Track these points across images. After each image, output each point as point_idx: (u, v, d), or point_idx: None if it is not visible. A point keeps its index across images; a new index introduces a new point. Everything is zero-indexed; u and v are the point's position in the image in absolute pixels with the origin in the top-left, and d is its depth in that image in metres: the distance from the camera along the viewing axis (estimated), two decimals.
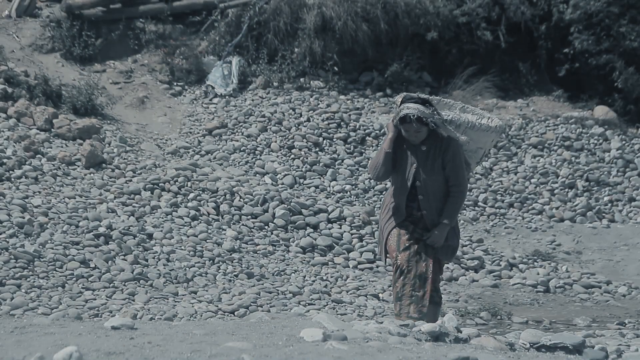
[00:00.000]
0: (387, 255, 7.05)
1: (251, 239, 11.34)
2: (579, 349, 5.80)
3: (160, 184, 11.95)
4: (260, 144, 13.90)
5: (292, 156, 13.71)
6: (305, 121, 14.40)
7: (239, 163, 13.49)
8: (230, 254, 10.85)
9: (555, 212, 13.72)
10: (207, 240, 11.01)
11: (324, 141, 14.13)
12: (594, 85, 16.20)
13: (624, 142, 15.11)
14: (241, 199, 11.88)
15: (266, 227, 11.62)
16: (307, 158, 13.68)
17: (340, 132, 14.28)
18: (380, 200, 13.36)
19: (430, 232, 6.92)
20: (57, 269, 9.92)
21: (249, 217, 11.68)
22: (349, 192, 13.31)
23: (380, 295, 10.45)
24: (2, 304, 9.17)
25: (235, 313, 9.45)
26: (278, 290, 10.22)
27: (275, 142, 13.93)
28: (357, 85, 15.69)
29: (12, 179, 11.71)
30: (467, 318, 9.65)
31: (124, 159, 12.90)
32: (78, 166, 12.43)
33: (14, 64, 14.48)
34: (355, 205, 12.79)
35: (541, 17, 16.34)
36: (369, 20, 15.58)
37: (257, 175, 13.14)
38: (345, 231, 11.67)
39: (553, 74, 16.41)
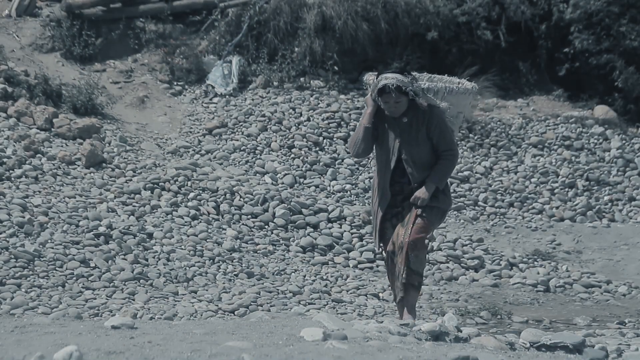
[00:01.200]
0: (381, 245, 6.86)
1: (251, 238, 11.34)
2: (579, 349, 5.81)
3: (160, 184, 11.95)
4: (260, 144, 13.90)
5: (292, 156, 13.71)
6: (305, 121, 14.40)
7: (239, 162, 13.49)
8: (231, 254, 10.86)
9: (556, 211, 13.72)
10: (207, 240, 11.01)
11: (324, 140, 14.13)
12: (594, 85, 16.19)
13: (624, 141, 15.11)
14: (241, 199, 11.88)
15: (266, 226, 11.62)
16: (307, 157, 13.68)
17: (340, 132, 14.28)
18: None
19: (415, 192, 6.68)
20: (57, 268, 9.92)
21: (249, 216, 11.69)
22: (349, 192, 13.31)
23: (380, 294, 10.45)
24: (2, 303, 9.17)
25: (236, 312, 9.45)
26: (278, 289, 10.23)
27: (276, 141, 13.93)
28: (357, 84, 15.68)
29: (12, 179, 11.71)
30: (467, 317, 9.65)
31: (124, 158, 12.90)
32: (78, 166, 12.43)
33: (14, 63, 14.48)
34: (355, 204, 12.79)
35: (541, 16, 16.34)
36: (369, 19, 15.58)
37: (257, 174, 13.13)
38: (345, 230, 11.68)
39: (553, 74, 16.41)
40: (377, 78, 6.73)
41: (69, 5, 15.51)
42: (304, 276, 10.71)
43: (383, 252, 6.86)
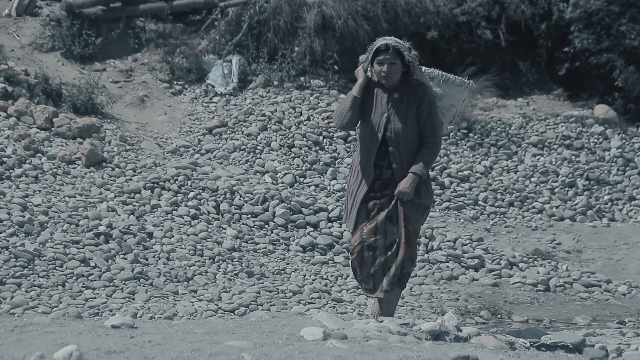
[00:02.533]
0: (354, 228, 6.62)
1: (251, 237, 11.34)
2: (579, 348, 5.81)
3: (160, 183, 11.95)
4: (260, 143, 13.90)
5: (292, 155, 13.71)
6: (305, 120, 14.40)
7: (239, 162, 13.49)
8: (231, 253, 10.86)
9: (556, 211, 13.71)
10: (207, 239, 11.01)
11: (324, 140, 14.13)
12: (594, 84, 16.20)
13: (624, 140, 15.12)
14: (241, 198, 11.88)
15: (266, 225, 11.63)
16: (307, 157, 13.68)
17: (340, 131, 14.28)
18: None
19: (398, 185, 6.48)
20: (57, 267, 9.92)
21: (249, 216, 11.69)
22: None
23: None
24: (2, 302, 9.17)
25: (236, 312, 9.45)
26: (278, 289, 10.23)
27: (276, 140, 13.93)
28: None
29: (12, 178, 11.71)
30: (467, 317, 9.65)
31: (124, 157, 12.90)
32: (78, 165, 12.43)
33: (14, 62, 14.48)
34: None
35: (541, 16, 16.34)
36: (369, 19, 15.58)
37: (257, 174, 13.13)
38: (345, 230, 11.67)
39: (553, 73, 16.42)
40: (370, 49, 6.62)
41: (69, 5, 15.51)
42: (304, 275, 10.71)
43: (359, 235, 6.58)
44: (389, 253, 6.52)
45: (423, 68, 6.68)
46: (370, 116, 6.56)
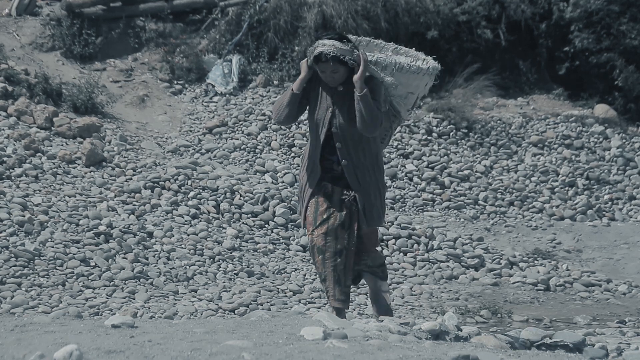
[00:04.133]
0: (305, 223, 6.29)
1: (251, 237, 11.34)
2: (579, 348, 5.81)
3: (160, 183, 11.95)
4: (260, 143, 13.90)
5: (293, 154, 13.70)
6: (305, 119, 14.38)
7: (239, 161, 13.49)
8: (231, 253, 10.86)
9: (556, 210, 13.71)
10: (208, 239, 11.01)
11: None
12: (594, 84, 16.19)
13: (624, 140, 15.12)
14: (241, 198, 11.88)
15: (266, 225, 11.63)
16: None
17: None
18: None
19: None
20: (57, 267, 9.93)
21: (249, 215, 11.69)
22: None
23: None
24: (2, 302, 9.17)
25: (236, 311, 9.45)
26: (278, 288, 10.23)
27: (276, 140, 13.93)
28: None
29: (13, 178, 11.71)
30: (467, 316, 9.65)
31: (124, 157, 12.90)
32: (78, 164, 12.43)
33: (14, 62, 14.48)
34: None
35: (541, 15, 16.34)
36: (369, 18, 15.57)
37: (258, 173, 13.13)
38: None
39: (553, 73, 16.41)
40: (314, 43, 6.16)
41: (69, 4, 15.51)
42: (304, 275, 10.71)
43: (309, 235, 6.27)
44: (339, 260, 6.17)
45: (375, 56, 6.16)
46: (316, 110, 6.24)
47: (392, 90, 6.23)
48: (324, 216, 6.19)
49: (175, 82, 15.53)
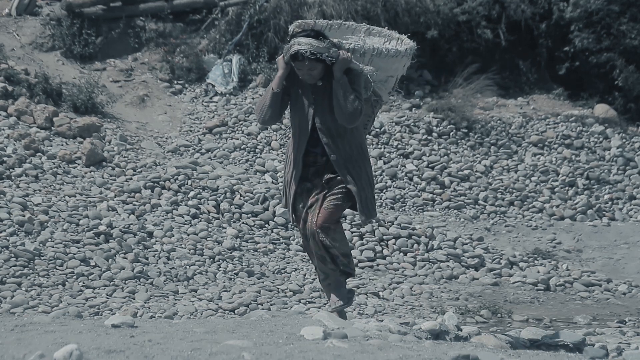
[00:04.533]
0: (294, 219, 6.26)
1: (251, 237, 11.34)
2: (579, 347, 5.81)
3: (160, 182, 11.95)
4: (260, 142, 13.90)
5: None
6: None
7: (239, 161, 13.49)
8: (231, 252, 10.86)
9: (556, 210, 13.71)
10: (208, 239, 11.01)
11: None
12: (594, 84, 16.19)
13: (624, 140, 15.11)
14: (241, 197, 11.88)
15: (266, 225, 11.62)
16: None
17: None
18: (381, 198, 13.36)
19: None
20: (57, 267, 9.93)
21: (250, 215, 11.69)
22: None
23: (380, 293, 10.45)
24: (2, 302, 9.17)
25: (236, 311, 9.45)
26: (278, 288, 10.23)
27: (276, 140, 13.93)
28: None
29: (13, 177, 11.71)
30: (467, 316, 9.65)
31: (125, 157, 12.90)
32: (78, 164, 12.43)
33: (14, 62, 14.48)
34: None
35: (541, 15, 16.34)
36: (369, 18, 15.56)
37: (258, 173, 13.14)
38: (345, 229, 11.67)
39: (553, 72, 16.41)
40: (290, 38, 6.06)
41: (69, 4, 15.51)
42: (304, 275, 10.71)
43: (297, 228, 6.20)
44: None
45: (352, 43, 6.05)
46: (298, 106, 6.17)
47: (372, 76, 6.13)
48: (307, 206, 6.14)
49: (175, 82, 15.52)
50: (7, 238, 10.14)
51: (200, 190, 11.89)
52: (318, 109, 6.09)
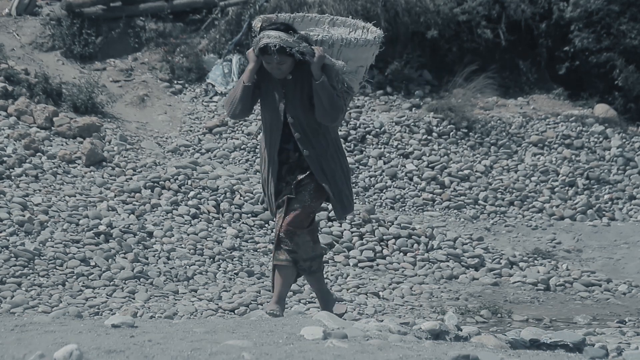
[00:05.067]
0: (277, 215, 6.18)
1: (251, 237, 11.34)
2: (579, 347, 5.81)
3: (160, 182, 11.95)
4: (260, 142, 13.89)
5: None
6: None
7: (239, 161, 13.50)
8: (231, 252, 10.86)
9: (556, 210, 13.71)
10: (208, 239, 11.01)
11: None
12: (594, 84, 16.19)
13: (624, 140, 15.11)
14: (241, 197, 11.88)
15: (266, 225, 11.62)
16: None
17: (340, 130, 14.28)
18: (381, 198, 13.36)
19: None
20: (57, 267, 9.93)
21: (250, 215, 11.69)
22: None
23: (380, 293, 10.45)
24: (2, 302, 9.17)
25: (236, 311, 9.45)
26: None
27: None
28: None
29: (13, 177, 11.71)
30: (467, 316, 9.65)
31: (124, 157, 12.90)
32: (78, 164, 12.43)
33: (14, 62, 14.47)
34: (355, 203, 12.78)
35: (541, 15, 16.33)
36: (369, 18, 15.52)
37: (258, 173, 13.14)
38: (345, 229, 11.67)
39: (553, 72, 16.41)
40: (259, 31, 5.92)
41: (69, 4, 15.51)
42: None
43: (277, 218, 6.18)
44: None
45: (320, 35, 5.97)
46: (268, 101, 6.08)
47: (344, 68, 6.03)
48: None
49: (175, 81, 15.53)
50: (7, 238, 10.14)
51: (200, 190, 11.89)
52: (289, 104, 6.01)
